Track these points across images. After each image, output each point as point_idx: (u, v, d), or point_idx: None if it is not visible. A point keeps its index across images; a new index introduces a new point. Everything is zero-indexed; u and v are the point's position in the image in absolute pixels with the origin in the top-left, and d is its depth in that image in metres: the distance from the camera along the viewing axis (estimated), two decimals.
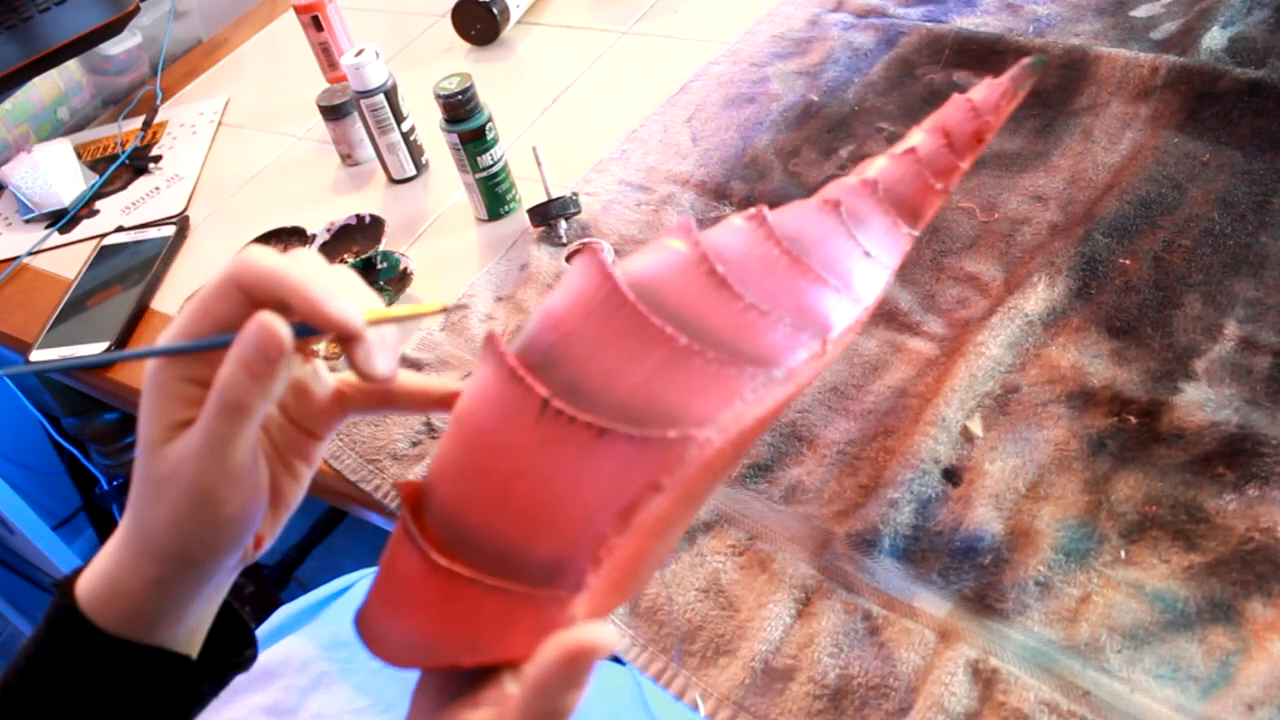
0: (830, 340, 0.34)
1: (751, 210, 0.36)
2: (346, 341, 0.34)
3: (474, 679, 0.31)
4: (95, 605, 0.38)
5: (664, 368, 0.31)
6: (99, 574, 0.39)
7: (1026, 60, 0.42)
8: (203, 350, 0.34)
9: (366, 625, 0.33)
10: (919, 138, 0.41)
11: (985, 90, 0.42)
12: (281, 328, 0.32)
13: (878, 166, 0.41)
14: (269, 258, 0.34)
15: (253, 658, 0.44)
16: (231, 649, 0.43)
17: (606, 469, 0.30)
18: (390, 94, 0.90)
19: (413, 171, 0.95)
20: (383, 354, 0.35)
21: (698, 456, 0.30)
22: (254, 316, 0.32)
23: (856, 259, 0.37)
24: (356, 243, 0.86)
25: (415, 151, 0.95)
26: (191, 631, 0.40)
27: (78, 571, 0.40)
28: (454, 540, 0.32)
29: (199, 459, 0.34)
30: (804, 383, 0.34)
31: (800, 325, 0.34)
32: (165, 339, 0.35)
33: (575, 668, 0.27)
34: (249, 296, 0.34)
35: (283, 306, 0.34)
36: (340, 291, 0.34)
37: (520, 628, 0.30)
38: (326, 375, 0.39)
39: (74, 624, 0.38)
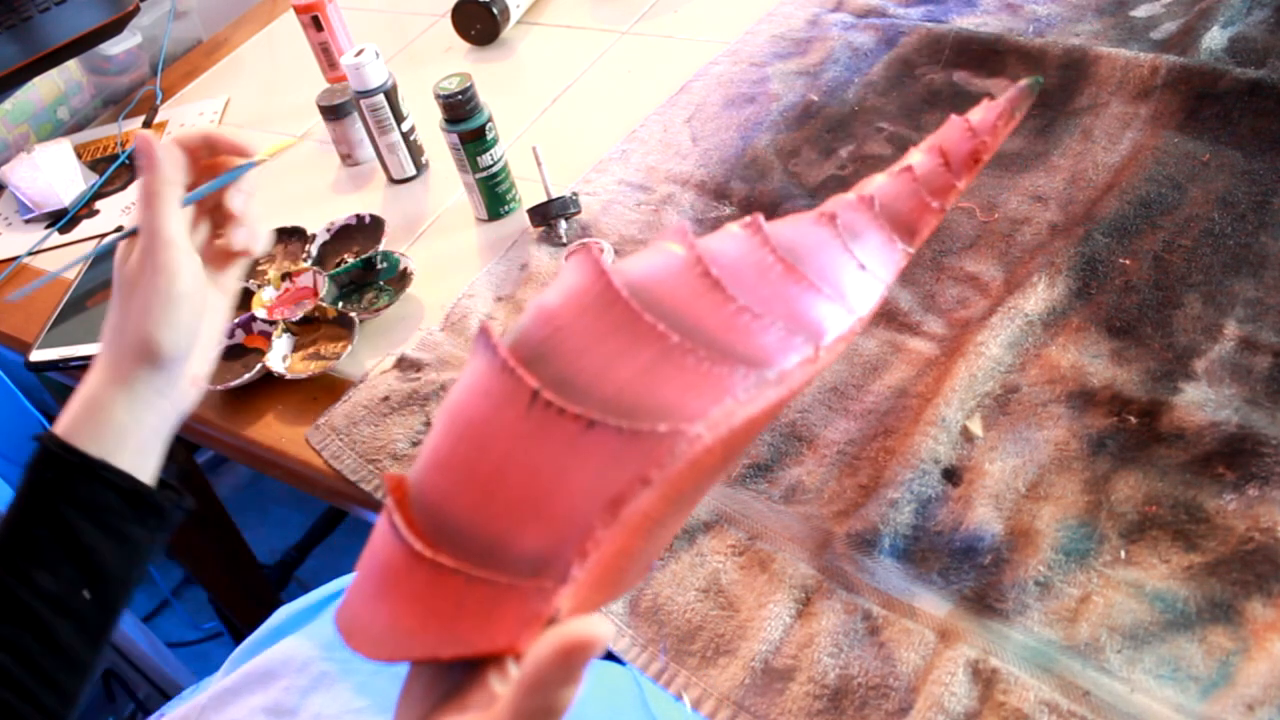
0: (823, 346, 0.35)
1: (747, 219, 0.37)
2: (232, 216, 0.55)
3: (459, 683, 0.31)
4: (70, 423, 0.51)
5: (655, 364, 0.31)
6: (75, 399, 0.51)
7: (1024, 82, 0.44)
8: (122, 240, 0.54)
9: (346, 618, 0.34)
10: (917, 157, 0.42)
11: (983, 112, 0.43)
12: (146, 133, 0.47)
13: (876, 184, 0.41)
14: (190, 131, 0.54)
15: (192, 504, 0.56)
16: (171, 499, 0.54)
17: (595, 461, 0.30)
18: (390, 94, 0.90)
19: (413, 171, 0.95)
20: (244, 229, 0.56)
21: (687, 452, 0.30)
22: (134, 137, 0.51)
23: (851, 270, 0.38)
24: (356, 243, 0.86)
25: (415, 151, 0.95)
26: (147, 459, 0.52)
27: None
28: (439, 532, 0.32)
29: (144, 242, 0.51)
30: (795, 387, 0.34)
31: (793, 330, 0.34)
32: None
33: (571, 662, 0.27)
34: (190, 154, 0.53)
35: (212, 153, 0.54)
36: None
37: (504, 620, 0.30)
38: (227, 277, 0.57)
39: (52, 446, 0.50)
